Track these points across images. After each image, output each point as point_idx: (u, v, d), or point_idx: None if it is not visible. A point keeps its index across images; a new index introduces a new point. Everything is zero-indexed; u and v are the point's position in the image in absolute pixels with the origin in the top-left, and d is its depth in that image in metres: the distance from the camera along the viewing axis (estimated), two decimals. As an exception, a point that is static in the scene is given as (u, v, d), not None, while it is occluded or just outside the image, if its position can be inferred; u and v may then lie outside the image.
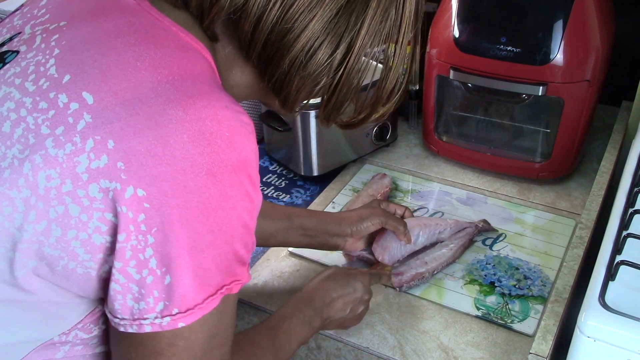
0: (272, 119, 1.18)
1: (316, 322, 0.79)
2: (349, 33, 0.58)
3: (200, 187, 0.50)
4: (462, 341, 0.86)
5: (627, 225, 0.75)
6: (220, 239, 0.52)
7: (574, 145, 1.11)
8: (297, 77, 0.59)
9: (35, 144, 0.51)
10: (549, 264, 0.98)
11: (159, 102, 0.51)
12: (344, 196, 1.16)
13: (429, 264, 0.97)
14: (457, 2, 1.09)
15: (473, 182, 1.19)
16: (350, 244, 0.96)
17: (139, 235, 0.50)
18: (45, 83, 0.53)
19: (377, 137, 1.24)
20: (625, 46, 1.18)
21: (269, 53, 0.58)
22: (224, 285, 0.54)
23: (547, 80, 1.03)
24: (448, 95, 1.19)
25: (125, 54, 0.53)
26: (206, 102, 0.52)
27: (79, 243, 0.51)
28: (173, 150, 0.50)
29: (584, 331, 0.64)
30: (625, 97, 1.24)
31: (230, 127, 0.52)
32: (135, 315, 0.53)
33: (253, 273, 0.99)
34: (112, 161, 0.49)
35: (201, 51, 0.56)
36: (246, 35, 0.57)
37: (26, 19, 0.60)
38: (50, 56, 0.54)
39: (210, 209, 0.51)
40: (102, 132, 0.50)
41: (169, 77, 0.52)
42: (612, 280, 0.68)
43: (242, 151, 0.52)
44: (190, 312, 0.53)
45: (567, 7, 1.01)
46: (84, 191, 0.50)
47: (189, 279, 0.52)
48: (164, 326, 0.53)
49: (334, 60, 0.58)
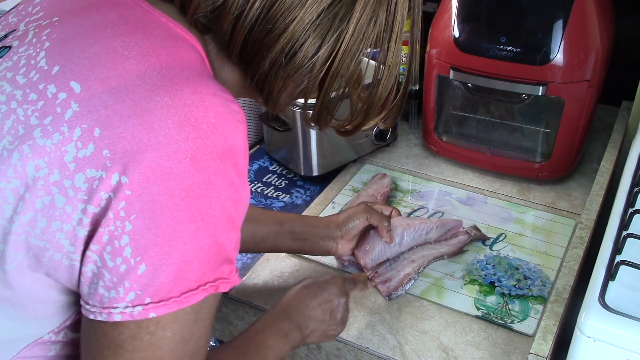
0: (272, 119, 1.18)
1: (295, 334, 0.75)
2: (333, 35, 0.56)
3: (184, 173, 0.49)
4: (462, 341, 0.86)
5: (627, 225, 0.75)
6: (203, 230, 0.51)
7: (573, 145, 1.11)
8: (278, 77, 0.58)
9: (24, 135, 0.51)
10: (549, 264, 0.98)
11: (145, 89, 0.51)
12: (344, 196, 1.16)
13: (416, 262, 0.96)
14: (457, 2, 1.09)
15: (473, 182, 1.19)
16: (342, 248, 0.95)
17: (117, 221, 0.49)
18: (36, 75, 0.53)
19: (377, 137, 1.24)
20: (625, 46, 1.18)
21: (249, 53, 0.57)
22: (207, 282, 0.53)
23: (547, 80, 1.03)
24: (448, 95, 1.19)
25: (114, 44, 0.53)
26: (193, 89, 0.51)
27: (64, 235, 0.51)
28: (158, 136, 0.49)
29: (584, 331, 0.64)
30: (625, 97, 1.24)
31: (217, 114, 0.51)
32: (105, 303, 0.51)
33: (253, 273, 0.99)
34: (98, 149, 0.49)
35: (191, 41, 0.56)
36: (225, 33, 0.57)
37: (21, 17, 0.61)
38: (41, 49, 0.55)
39: (192, 197, 0.50)
40: (89, 120, 0.50)
41: (156, 65, 0.52)
42: (612, 280, 0.68)
43: (229, 138, 0.52)
44: (163, 304, 0.51)
45: (567, 7, 1.01)
46: (70, 181, 0.49)
47: (167, 270, 0.50)
48: (135, 315, 0.51)
49: (316, 62, 0.57)
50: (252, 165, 1.27)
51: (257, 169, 1.26)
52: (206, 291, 0.53)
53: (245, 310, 0.95)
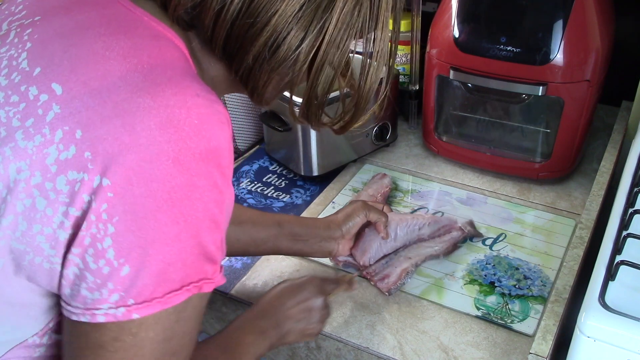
0: (272, 119, 1.18)
1: (272, 333, 0.76)
2: (316, 27, 0.55)
3: (166, 175, 0.49)
4: (462, 341, 0.86)
5: (627, 225, 0.75)
6: (186, 231, 0.50)
7: (573, 145, 1.11)
8: (262, 71, 0.58)
9: (6, 137, 0.51)
10: (549, 264, 0.98)
11: (127, 90, 0.50)
12: (344, 196, 1.16)
13: (413, 259, 0.96)
14: (457, 2, 1.09)
15: (473, 182, 1.19)
16: (343, 248, 0.95)
17: (99, 224, 0.49)
18: (17, 77, 0.53)
19: (377, 137, 1.24)
20: (625, 46, 1.18)
21: (232, 47, 0.57)
22: (190, 282, 0.52)
23: (547, 80, 1.03)
24: (448, 95, 1.19)
25: (95, 45, 0.53)
26: (175, 90, 0.51)
27: (44, 238, 0.50)
28: (139, 138, 0.48)
29: (584, 331, 0.64)
30: (625, 97, 1.24)
31: (200, 115, 0.51)
32: (89, 304, 0.51)
33: (253, 273, 0.99)
34: (79, 151, 0.49)
35: (174, 40, 0.56)
36: (207, 29, 0.56)
37: (4, 16, 0.60)
38: (22, 50, 0.54)
39: (175, 199, 0.49)
40: (71, 122, 0.49)
41: (138, 66, 0.51)
42: (612, 280, 0.68)
43: (212, 140, 0.51)
44: (146, 305, 0.51)
45: (567, 7, 1.01)
46: (52, 184, 0.49)
47: (150, 272, 0.50)
48: (119, 317, 0.51)
49: (300, 54, 0.56)
50: (252, 166, 1.27)
51: (257, 169, 1.26)
52: (189, 291, 0.53)
53: (245, 310, 0.95)
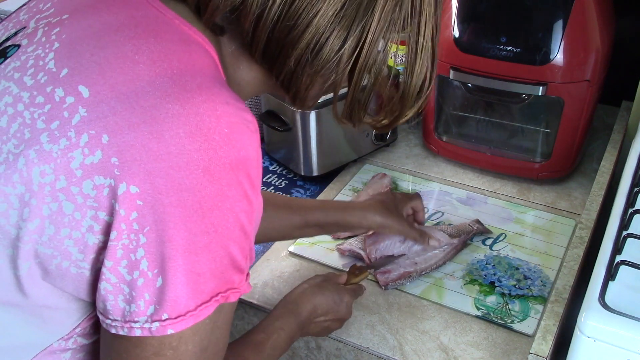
0: (272, 119, 1.18)
1: (297, 335, 0.78)
2: (358, 26, 0.54)
3: (196, 185, 0.48)
4: (462, 341, 0.86)
5: (627, 225, 0.75)
6: (215, 241, 0.50)
7: (573, 145, 1.11)
8: (305, 74, 0.56)
9: (31, 139, 0.50)
10: (549, 264, 0.98)
11: (156, 96, 0.49)
12: (344, 196, 1.16)
13: (419, 265, 0.96)
14: (457, 2, 1.09)
15: (473, 182, 1.19)
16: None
17: (131, 234, 0.48)
18: (44, 77, 0.52)
19: (377, 137, 1.23)
20: (625, 46, 1.18)
21: (273, 51, 0.56)
22: (219, 293, 0.52)
23: (547, 80, 1.03)
24: (448, 95, 1.19)
25: (124, 47, 0.52)
26: (205, 97, 0.50)
27: (72, 242, 0.50)
28: (168, 146, 0.48)
29: (584, 331, 0.64)
30: (625, 97, 1.24)
31: (230, 124, 0.50)
32: (127, 317, 0.51)
33: (253, 273, 0.99)
34: (106, 156, 0.48)
35: (204, 45, 0.54)
36: (247, 33, 0.55)
37: (32, 13, 0.60)
38: (49, 50, 0.54)
39: (205, 209, 0.49)
40: (97, 126, 0.49)
41: (167, 71, 0.50)
42: (612, 280, 0.68)
43: (242, 149, 0.50)
44: (181, 319, 0.50)
45: (567, 7, 1.01)
46: (78, 188, 0.48)
47: (182, 283, 0.50)
48: (153, 331, 0.51)
49: (343, 55, 0.55)
50: (252, 165, 1.27)
51: (257, 169, 1.26)
52: (217, 302, 0.52)
53: (245, 310, 0.95)
